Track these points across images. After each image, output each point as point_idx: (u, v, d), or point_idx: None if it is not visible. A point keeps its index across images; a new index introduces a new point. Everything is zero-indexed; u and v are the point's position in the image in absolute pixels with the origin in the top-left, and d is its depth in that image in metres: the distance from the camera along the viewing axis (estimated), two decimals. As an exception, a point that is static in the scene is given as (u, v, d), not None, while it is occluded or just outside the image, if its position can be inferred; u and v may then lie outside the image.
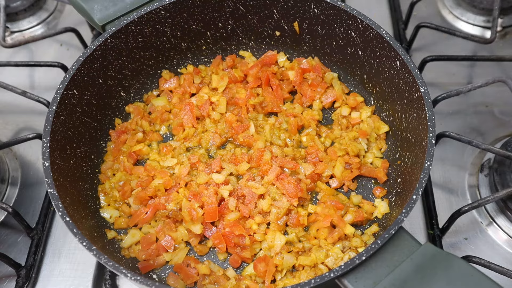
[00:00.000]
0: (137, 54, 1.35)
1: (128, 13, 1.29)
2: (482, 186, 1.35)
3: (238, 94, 1.38)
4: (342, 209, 1.19)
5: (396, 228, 0.94)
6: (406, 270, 0.91)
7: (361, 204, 1.22)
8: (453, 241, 1.28)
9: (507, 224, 1.29)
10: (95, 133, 1.31)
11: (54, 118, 1.12)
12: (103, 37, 1.24)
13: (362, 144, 1.30)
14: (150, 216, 1.21)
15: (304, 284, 0.91)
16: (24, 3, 1.72)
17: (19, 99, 1.46)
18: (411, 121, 1.17)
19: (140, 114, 1.37)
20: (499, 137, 1.43)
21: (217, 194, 1.21)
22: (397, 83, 1.21)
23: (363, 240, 1.16)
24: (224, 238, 1.16)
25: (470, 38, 1.53)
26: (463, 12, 1.71)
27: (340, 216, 1.17)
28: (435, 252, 0.92)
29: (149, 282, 0.92)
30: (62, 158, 1.14)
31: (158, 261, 1.16)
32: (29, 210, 1.34)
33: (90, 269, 1.24)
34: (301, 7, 1.33)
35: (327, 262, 1.12)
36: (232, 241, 1.16)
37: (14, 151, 1.45)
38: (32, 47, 1.70)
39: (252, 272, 1.14)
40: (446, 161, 1.40)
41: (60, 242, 1.29)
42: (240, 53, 1.48)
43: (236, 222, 1.18)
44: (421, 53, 1.60)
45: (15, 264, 1.21)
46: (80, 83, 1.21)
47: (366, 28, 1.22)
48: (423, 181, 1.00)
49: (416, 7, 1.66)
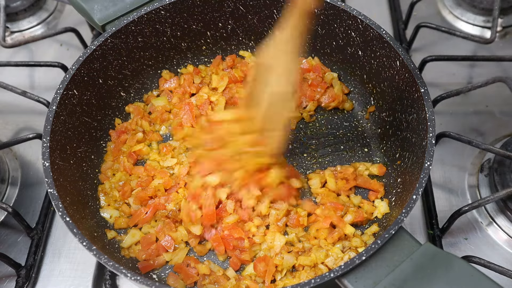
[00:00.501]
0: (137, 54, 1.35)
1: (128, 13, 1.29)
2: (482, 186, 1.35)
3: (238, 94, 1.38)
4: (342, 209, 1.19)
5: (396, 228, 0.94)
6: (406, 270, 0.91)
7: (361, 204, 1.22)
8: (453, 241, 1.28)
9: (507, 224, 1.29)
10: (95, 133, 1.31)
11: (54, 118, 1.12)
12: (103, 37, 1.24)
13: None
14: (150, 216, 1.21)
15: (304, 284, 0.91)
16: (24, 3, 1.72)
17: (19, 99, 1.46)
18: (411, 121, 1.17)
19: (140, 114, 1.37)
20: (499, 137, 1.43)
21: (215, 196, 1.21)
22: (397, 83, 1.21)
23: (363, 240, 1.16)
24: (223, 241, 1.16)
25: (470, 38, 1.53)
26: (463, 12, 1.71)
27: (340, 217, 1.17)
28: (435, 252, 0.92)
29: (149, 282, 0.92)
30: (62, 158, 1.14)
31: (158, 261, 1.16)
32: (29, 210, 1.34)
33: (90, 269, 1.24)
34: (301, 7, 1.33)
35: (327, 262, 1.12)
36: (231, 243, 1.15)
37: (14, 151, 1.45)
38: (32, 47, 1.70)
39: (252, 272, 1.14)
40: (446, 161, 1.40)
41: (60, 242, 1.29)
42: (240, 53, 1.48)
43: (234, 225, 1.17)
44: (421, 53, 1.60)
45: (15, 264, 1.21)
46: (80, 83, 1.21)
47: (366, 28, 1.22)
48: (423, 181, 1.00)
49: (416, 7, 1.66)
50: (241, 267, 1.16)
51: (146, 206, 1.22)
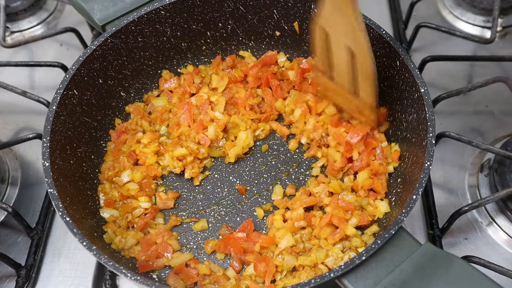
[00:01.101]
0: (137, 54, 1.35)
1: (128, 13, 1.29)
2: (482, 186, 1.35)
3: (237, 94, 1.38)
4: (353, 210, 1.18)
5: (396, 228, 0.94)
6: (406, 270, 0.91)
7: (367, 206, 1.21)
8: (453, 241, 1.28)
9: (507, 224, 1.29)
10: (95, 133, 1.31)
11: (54, 118, 1.12)
12: (103, 37, 1.24)
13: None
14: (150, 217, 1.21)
15: (304, 284, 0.91)
16: (24, 3, 1.72)
17: (19, 99, 1.46)
18: (411, 121, 1.17)
19: (140, 114, 1.37)
20: (499, 137, 1.43)
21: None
22: (397, 83, 1.21)
23: (363, 240, 1.15)
24: (232, 242, 1.16)
25: (470, 38, 1.53)
26: (463, 12, 1.71)
27: (345, 219, 1.17)
28: (435, 252, 0.92)
29: (149, 282, 0.92)
30: (62, 158, 1.14)
31: (158, 263, 1.16)
32: (29, 210, 1.34)
33: (90, 269, 1.24)
34: (301, 7, 1.33)
35: (327, 262, 1.12)
36: (242, 246, 1.15)
37: (14, 151, 1.45)
38: (32, 47, 1.70)
39: (252, 272, 1.14)
40: (446, 161, 1.40)
41: (60, 242, 1.29)
42: (240, 53, 1.48)
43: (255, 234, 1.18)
44: (421, 53, 1.60)
45: (15, 264, 1.21)
46: (80, 83, 1.21)
47: (366, 28, 1.22)
48: (423, 181, 1.00)
49: (416, 7, 1.66)
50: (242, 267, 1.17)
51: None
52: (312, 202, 1.21)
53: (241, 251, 1.15)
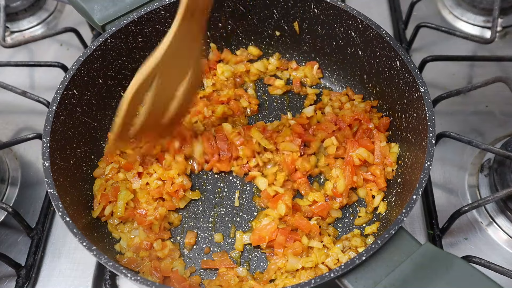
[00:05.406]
0: (137, 54, 1.35)
1: (128, 13, 1.29)
2: (482, 186, 1.35)
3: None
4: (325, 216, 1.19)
5: (396, 228, 0.94)
6: (406, 270, 0.91)
7: (366, 197, 1.22)
8: (453, 241, 1.28)
9: (507, 224, 1.29)
10: (95, 133, 1.31)
11: (54, 118, 1.12)
12: (103, 37, 1.24)
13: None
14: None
15: (304, 284, 0.91)
16: (24, 3, 1.72)
17: (19, 99, 1.46)
18: (411, 121, 1.17)
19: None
20: (499, 137, 1.43)
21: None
22: (397, 83, 1.21)
23: (363, 240, 1.16)
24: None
25: (470, 38, 1.53)
26: (463, 12, 1.71)
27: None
28: (435, 252, 0.92)
29: (149, 282, 0.92)
30: (62, 158, 1.14)
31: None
32: (29, 210, 1.34)
33: (90, 269, 1.24)
34: (301, 7, 1.33)
35: (327, 262, 1.12)
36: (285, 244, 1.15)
37: (14, 151, 1.45)
38: (32, 47, 1.70)
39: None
40: (446, 161, 1.40)
41: (60, 242, 1.29)
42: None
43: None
44: (421, 53, 1.60)
45: (15, 264, 1.21)
46: (80, 83, 1.21)
47: (366, 28, 1.22)
48: (423, 181, 1.00)
49: (416, 7, 1.66)
50: (249, 266, 1.17)
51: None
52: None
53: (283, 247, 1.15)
